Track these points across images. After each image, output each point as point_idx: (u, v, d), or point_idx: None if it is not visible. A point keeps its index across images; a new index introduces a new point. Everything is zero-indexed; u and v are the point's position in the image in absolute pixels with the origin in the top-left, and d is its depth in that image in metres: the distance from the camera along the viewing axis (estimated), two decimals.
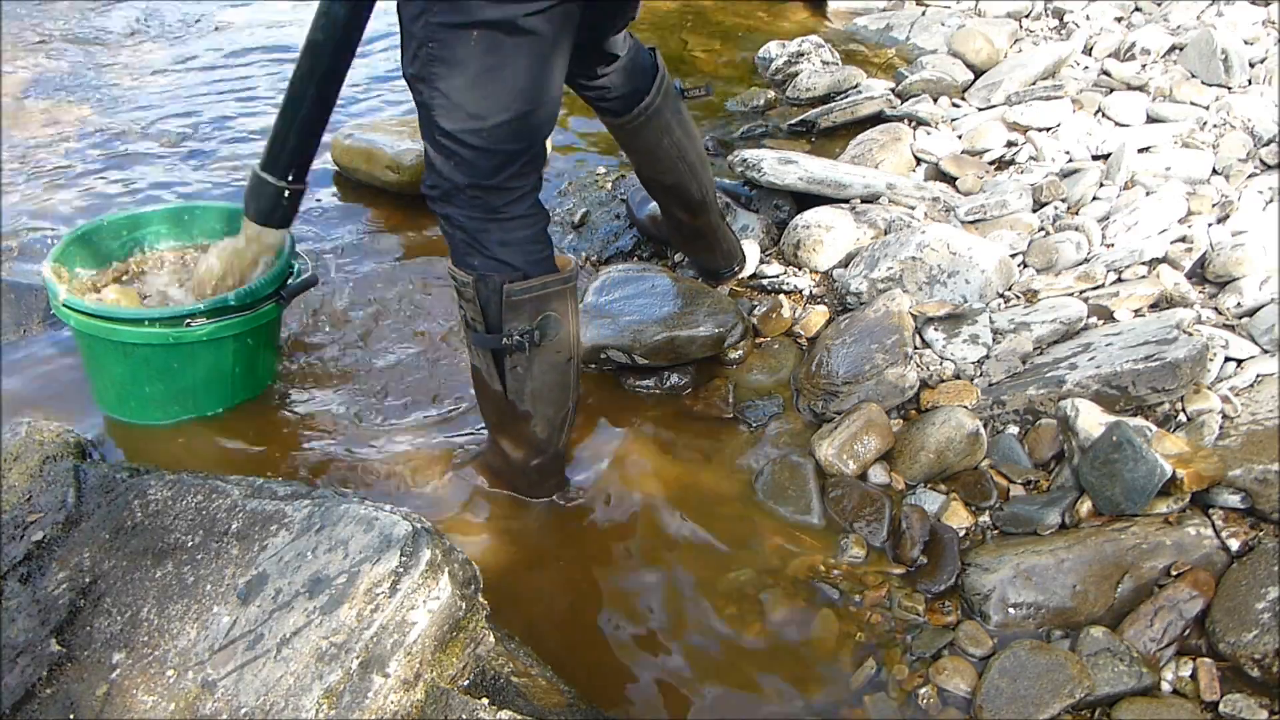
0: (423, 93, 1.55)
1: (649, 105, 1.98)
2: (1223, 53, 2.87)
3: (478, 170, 1.56)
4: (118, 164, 2.99)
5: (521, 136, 1.57)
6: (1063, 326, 2.06)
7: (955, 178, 2.70)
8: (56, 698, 1.32)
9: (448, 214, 1.62)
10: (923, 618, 1.68)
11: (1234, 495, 1.67)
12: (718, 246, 2.33)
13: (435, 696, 1.31)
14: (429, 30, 1.48)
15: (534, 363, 1.69)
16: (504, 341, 1.65)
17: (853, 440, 1.93)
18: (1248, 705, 1.48)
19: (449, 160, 1.57)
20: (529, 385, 1.72)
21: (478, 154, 1.55)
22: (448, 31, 1.47)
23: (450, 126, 1.53)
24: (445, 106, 1.52)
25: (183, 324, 1.91)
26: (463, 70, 1.49)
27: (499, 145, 1.55)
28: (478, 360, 1.74)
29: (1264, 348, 1.93)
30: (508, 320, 1.64)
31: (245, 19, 4.09)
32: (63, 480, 1.62)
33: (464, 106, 1.52)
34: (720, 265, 2.37)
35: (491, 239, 1.61)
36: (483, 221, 1.61)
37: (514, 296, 1.62)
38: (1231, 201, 2.32)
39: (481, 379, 1.76)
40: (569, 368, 1.75)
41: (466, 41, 1.47)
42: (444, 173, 1.59)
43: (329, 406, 2.11)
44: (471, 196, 1.59)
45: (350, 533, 1.39)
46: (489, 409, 1.83)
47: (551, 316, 1.67)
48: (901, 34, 3.78)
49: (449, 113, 1.53)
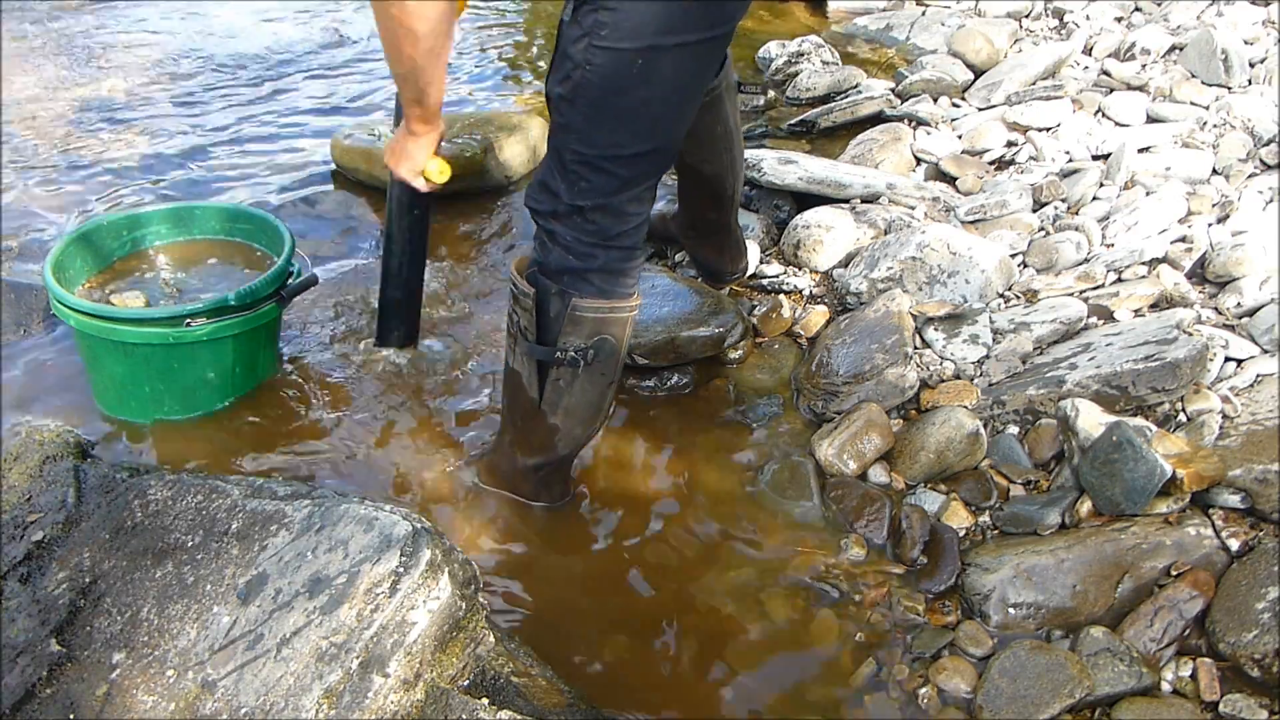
0: (566, 114, 1.52)
1: (717, 86, 1.98)
2: (1223, 53, 2.87)
3: (603, 194, 1.55)
4: (118, 164, 2.99)
5: (652, 169, 1.57)
6: (1063, 326, 2.06)
7: (955, 178, 2.70)
8: (56, 698, 1.32)
9: (554, 231, 1.60)
10: (923, 618, 1.68)
11: (1234, 495, 1.67)
12: (728, 248, 2.34)
13: (435, 696, 1.31)
14: (589, 53, 1.45)
15: (578, 381, 1.67)
16: (557, 355, 1.64)
17: (853, 440, 1.93)
18: (1248, 705, 1.48)
19: (574, 185, 1.55)
20: (565, 401, 1.70)
21: (608, 179, 1.53)
22: (610, 55, 1.44)
23: (585, 151, 1.52)
24: (588, 130, 1.51)
25: (183, 324, 1.91)
26: (618, 98, 1.48)
27: (631, 173, 1.54)
28: (518, 364, 1.71)
29: (1264, 348, 1.93)
30: (566, 334, 1.62)
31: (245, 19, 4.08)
32: (63, 480, 1.62)
33: (611, 134, 1.50)
34: (726, 267, 2.37)
35: (597, 263, 1.60)
36: (591, 246, 1.59)
37: (580, 311, 1.60)
38: (1231, 201, 2.32)
39: (518, 383, 1.73)
40: (609, 391, 1.73)
41: (628, 69, 1.45)
42: (564, 195, 1.56)
43: (329, 406, 2.11)
44: (589, 219, 1.57)
45: (350, 533, 1.39)
46: (515, 413, 1.79)
47: (609, 340, 1.65)
48: (901, 34, 3.78)
49: (592, 136, 1.51)
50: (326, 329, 2.33)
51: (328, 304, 2.39)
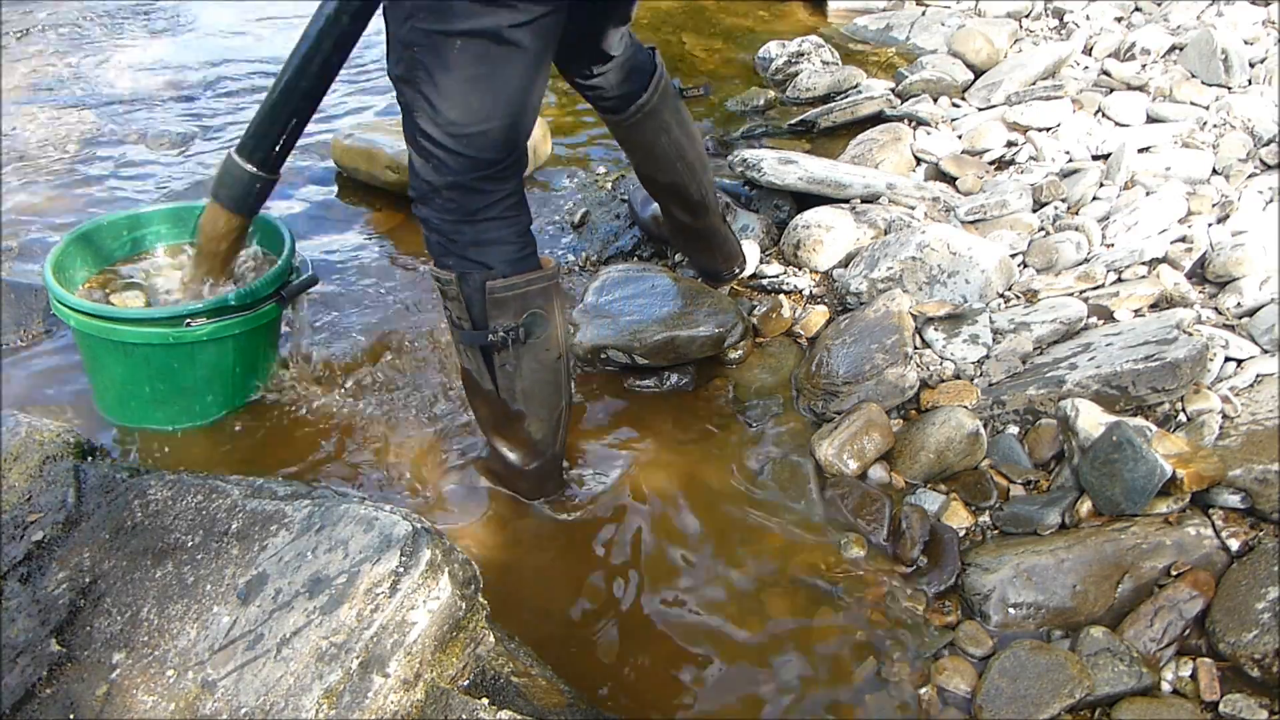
0: (406, 94, 1.56)
1: (645, 103, 1.99)
2: (1223, 53, 2.87)
3: (454, 172, 1.57)
4: (118, 164, 2.99)
5: (500, 146, 1.58)
6: (1063, 326, 2.06)
7: (955, 178, 2.70)
8: (56, 698, 1.32)
9: (425, 216, 1.64)
10: (923, 617, 1.68)
11: (1234, 495, 1.67)
12: (718, 249, 2.33)
13: (435, 696, 1.31)
14: (414, 34, 1.49)
15: (522, 360, 1.70)
16: (490, 338, 1.67)
17: (853, 440, 1.93)
18: (1248, 705, 1.48)
19: (428, 162, 1.58)
20: (519, 384, 1.72)
21: (456, 158, 1.56)
22: (433, 38, 1.48)
23: (431, 130, 1.54)
24: (427, 110, 1.53)
25: (183, 324, 1.91)
26: (447, 77, 1.50)
27: (479, 153, 1.56)
28: (468, 361, 1.75)
29: (1264, 348, 1.93)
30: (493, 317, 1.66)
31: (246, 19, 4.08)
32: (63, 480, 1.62)
33: (446, 112, 1.53)
34: (720, 268, 2.37)
35: (464, 239, 1.63)
36: (455, 223, 1.62)
37: (497, 293, 1.64)
38: (1231, 201, 2.32)
39: (473, 380, 1.77)
40: (559, 366, 1.76)
41: (451, 49, 1.48)
42: (422, 174, 1.60)
43: (329, 406, 2.11)
44: (447, 199, 1.60)
45: (350, 533, 1.39)
46: (483, 411, 1.83)
47: (537, 314, 1.68)
48: (901, 34, 3.78)
49: (431, 117, 1.54)
50: (327, 329, 2.33)
51: (328, 304, 2.39)
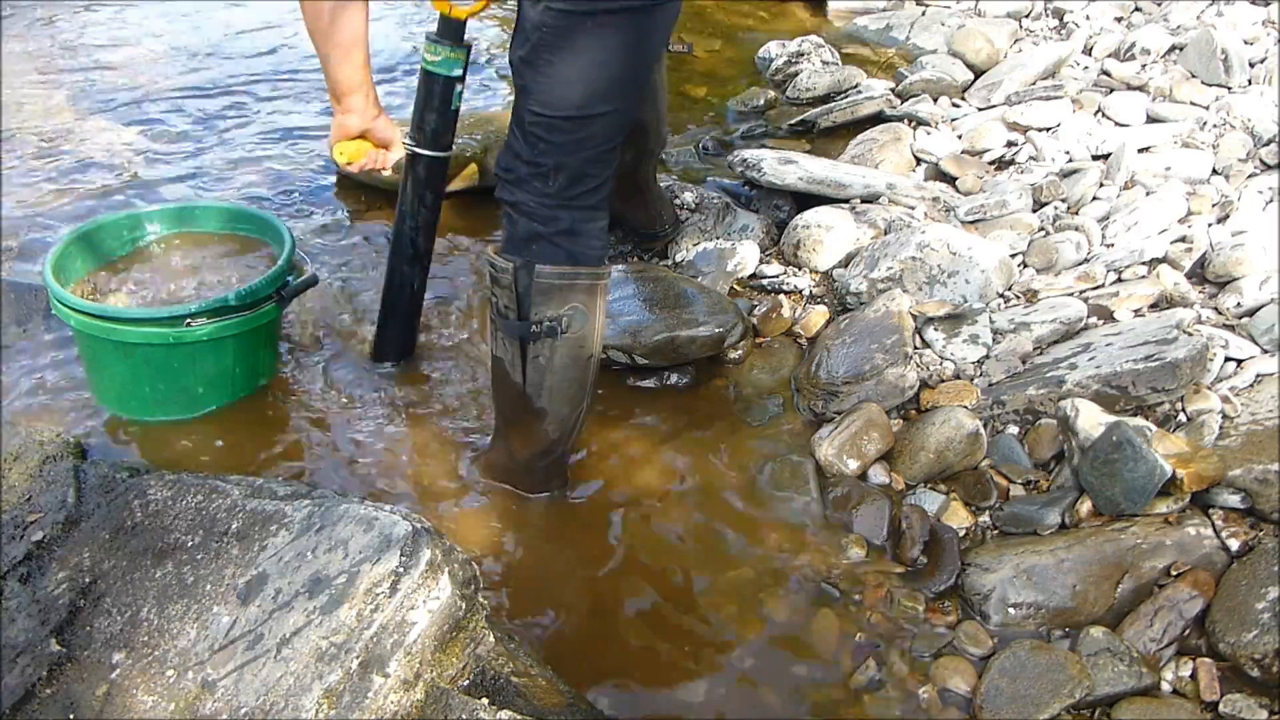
0: (525, 76, 1.57)
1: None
2: (1223, 53, 2.87)
3: (566, 153, 1.58)
4: (119, 163, 2.99)
5: (609, 130, 1.60)
6: (1063, 326, 2.06)
7: (955, 178, 2.70)
8: (56, 698, 1.32)
9: (517, 200, 1.64)
10: (923, 617, 1.68)
11: (1234, 495, 1.67)
12: (652, 204, 2.46)
13: (435, 696, 1.31)
14: (547, 15, 1.50)
15: (556, 354, 1.70)
16: (532, 329, 1.67)
17: (853, 440, 1.93)
18: (1248, 705, 1.48)
19: (536, 145, 1.59)
20: (549, 379, 1.72)
21: (569, 139, 1.57)
22: (565, 18, 1.50)
23: (546, 111, 1.55)
24: (546, 90, 1.55)
25: (183, 324, 1.91)
26: (573, 58, 1.52)
27: (588, 133, 1.58)
28: (501, 350, 1.74)
29: (1264, 348, 1.93)
30: (537, 305, 1.65)
31: (246, 20, 4.08)
32: (63, 480, 1.62)
33: (567, 94, 1.54)
34: (655, 226, 2.51)
35: (559, 225, 1.63)
36: (554, 208, 1.62)
37: (544, 279, 1.64)
38: (1231, 201, 2.32)
39: (502, 370, 1.76)
40: (589, 366, 1.75)
41: (583, 31, 1.50)
42: (524, 156, 1.60)
43: (329, 406, 2.11)
44: (552, 181, 1.60)
45: (350, 533, 1.39)
46: (505, 402, 1.83)
47: (579, 309, 1.68)
48: (901, 34, 3.78)
49: (548, 96, 1.55)
50: (327, 329, 2.33)
51: (328, 304, 2.39)
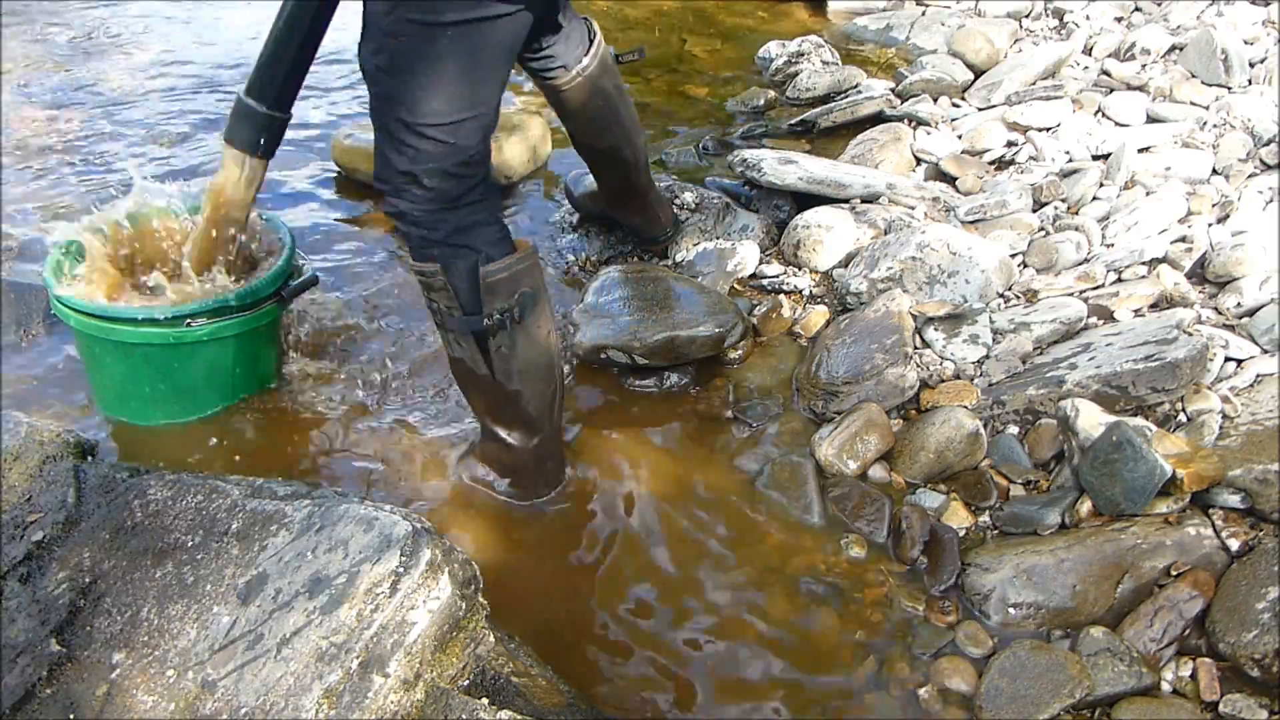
0: (385, 86, 1.58)
1: (586, 67, 2.08)
2: (1223, 53, 2.87)
3: (436, 159, 1.59)
4: (119, 163, 2.99)
5: (478, 133, 1.62)
6: (1063, 326, 2.06)
7: (955, 178, 2.70)
8: (56, 698, 1.32)
9: (402, 210, 1.65)
10: (923, 617, 1.68)
11: (1234, 495, 1.67)
12: (651, 208, 2.47)
13: (435, 696, 1.31)
14: (400, 25, 1.51)
15: (517, 340, 1.72)
16: (485, 323, 1.68)
17: (853, 440, 1.93)
18: (1248, 705, 1.48)
19: (403, 153, 1.60)
20: (515, 363, 1.74)
21: (440, 146, 1.58)
22: (420, 28, 1.50)
23: (414, 120, 1.56)
24: (414, 99, 1.55)
25: (183, 324, 1.91)
26: (437, 66, 1.52)
27: (463, 140, 1.59)
28: (458, 350, 1.76)
29: (1264, 348, 1.93)
30: (487, 302, 1.67)
31: (246, 20, 4.08)
32: (63, 480, 1.62)
33: (433, 102, 1.55)
34: (654, 229, 2.50)
35: (447, 227, 1.65)
36: (436, 212, 1.64)
37: (490, 279, 1.66)
38: (1231, 201, 2.32)
39: (465, 368, 1.78)
40: (551, 340, 1.79)
41: (442, 39, 1.51)
42: (397, 165, 1.61)
43: (329, 406, 2.11)
44: (428, 187, 1.62)
45: (350, 533, 1.39)
46: (478, 398, 1.84)
47: (527, 293, 1.70)
48: (901, 34, 3.78)
49: (415, 106, 1.55)
50: (327, 328, 2.33)
51: (328, 304, 2.39)
